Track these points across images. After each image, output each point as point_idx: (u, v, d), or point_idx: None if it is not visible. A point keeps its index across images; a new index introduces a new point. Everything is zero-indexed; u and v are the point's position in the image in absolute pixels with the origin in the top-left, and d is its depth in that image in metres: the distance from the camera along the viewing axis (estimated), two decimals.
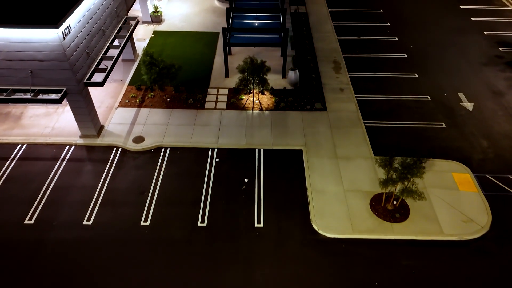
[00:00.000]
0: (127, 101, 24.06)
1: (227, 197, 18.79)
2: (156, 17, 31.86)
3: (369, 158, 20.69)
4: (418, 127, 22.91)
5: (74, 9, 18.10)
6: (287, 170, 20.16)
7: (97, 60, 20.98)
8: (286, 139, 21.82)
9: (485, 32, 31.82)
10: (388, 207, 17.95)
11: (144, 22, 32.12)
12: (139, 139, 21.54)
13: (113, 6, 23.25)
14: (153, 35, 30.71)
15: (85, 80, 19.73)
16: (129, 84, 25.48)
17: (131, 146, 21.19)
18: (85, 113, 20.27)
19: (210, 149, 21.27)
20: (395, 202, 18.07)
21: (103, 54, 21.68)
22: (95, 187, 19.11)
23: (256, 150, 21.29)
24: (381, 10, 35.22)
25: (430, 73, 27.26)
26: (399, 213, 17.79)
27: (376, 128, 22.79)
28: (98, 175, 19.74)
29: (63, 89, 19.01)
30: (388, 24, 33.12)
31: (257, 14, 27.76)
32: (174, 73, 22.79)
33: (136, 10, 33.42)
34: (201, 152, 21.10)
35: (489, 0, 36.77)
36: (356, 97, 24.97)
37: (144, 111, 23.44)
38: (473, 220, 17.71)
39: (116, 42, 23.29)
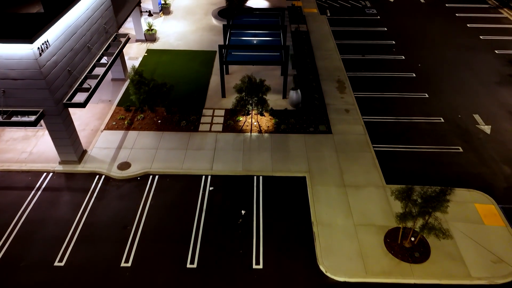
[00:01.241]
0: (114, 123, 22.11)
1: (221, 232, 16.51)
2: (150, 35, 30.39)
3: (380, 187, 18.51)
4: (432, 151, 20.85)
5: (53, 23, 16.40)
6: (289, 200, 17.97)
7: (81, 79, 19.15)
8: (287, 164, 19.73)
9: (496, 51, 30.26)
10: (406, 245, 15.65)
11: (137, 41, 30.63)
12: (124, 165, 19.44)
13: (101, 22, 21.65)
14: (146, 54, 29.14)
15: (65, 101, 17.82)
16: (118, 105, 23.61)
17: (116, 173, 19.07)
18: (65, 136, 18.26)
19: (203, 176, 19.14)
20: (413, 239, 15.79)
21: (88, 73, 19.89)
22: (71, 221, 16.85)
23: (255, 177, 19.15)
24: (386, 29, 33.84)
25: (441, 93, 25.44)
26: (418, 252, 15.47)
27: (387, 153, 20.73)
28: (76, 207, 17.53)
29: (39, 111, 17.06)
30: (394, 42, 31.63)
31: (256, 32, 26.21)
32: (165, 93, 20.94)
33: (129, 29, 32.07)
34: (193, 180, 18.96)
35: (497, 19, 35.49)
36: (363, 118, 23.03)
37: (132, 134, 21.44)
38: (504, 260, 15.37)
39: (104, 60, 21.55)
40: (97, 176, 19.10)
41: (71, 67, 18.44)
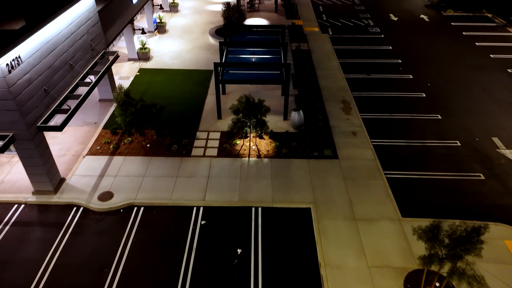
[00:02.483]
0: (98, 147, 20.08)
1: (213, 276, 14.16)
2: (143, 54, 28.81)
3: (396, 220, 16.27)
4: (451, 179, 18.72)
5: (26, 38, 14.61)
6: (292, 236, 15.70)
7: (60, 99, 17.25)
8: (290, 194, 17.56)
9: (508, 70, 28.59)
10: None
11: (130, 60, 29.04)
12: (106, 196, 17.27)
13: (86, 38, 19.98)
14: (138, 73, 27.45)
15: (39, 124, 15.84)
16: (104, 127, 21.65)
17: (96, 204, 16.87)
18: (38, 164, 16.18)
19: (195, 208, 16.93)
20: (438, 284, 13.44)
21: (69, 92, 18.03)
22: (40, 262, 14.53)
23: (253, 209, 16.94)
24: (390, 47, 32.35)
25: (454, 114, 23.53)
26: None
27: (400, 180, 18.59)
28: (47, 245, 15.24)
29: (8, 135, 15.05)
30: (400, 61, 30.03)
31: (254, 49, 24.58)
32: (154, 115, 19.00)
33: (122, 47, 30.58)
34: (183, 212, 16.74)
35: (505, 37, 34.08)
36: (372, 142, 21.01)
37: (117, 159, 19.37)
38: None
39: (89, 79, 19.73)
40: (75, 208, 16.89)
41: (49, 86, 16.57)
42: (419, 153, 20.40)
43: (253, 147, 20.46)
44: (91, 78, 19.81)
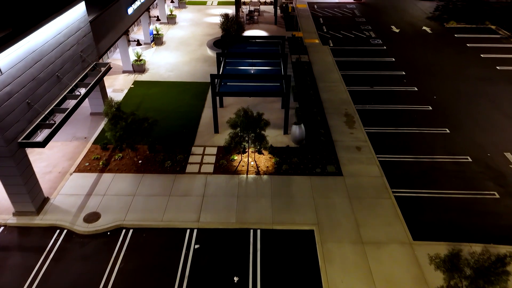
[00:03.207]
0: (87, 164, 18.89)
1: None
2: (138, 66, 27.88)
3: (406, 244, 14.96)
4: (463, 197, 17.46)
5: (6, 47, 13.58)
6: (294, 261, 14.36)
7: (45, 113, 16.14)
8: (291, 214, 16.28)
9: None
10: None
11: (124, 72, 28.09)
12: (93, 217, 15.98)
13: (76, 49, 19.02)
14: (132, 86, 26.45)
15: (20, 139, 14.68)
16: (94, 142, 20.50)
17: (81, 226, 15.57)
18: (19, 183, 14.96)
19: (188, 231, 15.63)
20: None
21: (55, 106, 16.93)
22: None
23: (251, 231, 15.64)
24: (393, 59, 31.46)
25: (463, 128, 22.41)
26: None
27: (409, 199, 17.33)
28: (26, 272, 13.90)
29: None
30: (404, 73, 29.08)
31: (253, 61, 23.62)
32: (147, 129, 17.86)
33: (116, 59, 29.69)
34: (175, 235, 15.43)
35: (511, 49, 33.23)
36: (377, 157, 19.82)
37: (106, 177, 18.15)
38: None
39: (78, 92, 18.65)
40: (58, 231, 15.59)
41: (33, 99, 15.48)
42: (428, 170, 19.19)
43: (252, 163, 19.27)
44: (81, 91, 18.75)
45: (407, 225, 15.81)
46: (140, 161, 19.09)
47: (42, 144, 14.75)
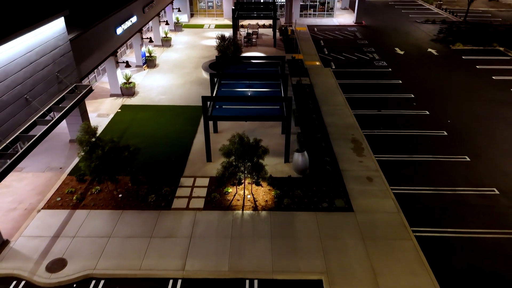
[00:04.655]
0: (59, 199, 16.42)
1: None
2: (127, 89, 25.91)
3: None
4: (496, 237, 14.91)
5: None
6: None
7: (7, 142, 13.84)
8: (295, 260, 13.67)
9: None
10: None
11: (112, 95, 26.08)
12: (57, 265, 13.37)
13: (51, 69, 16.99)
14: (119, 110, 24.34)
15: None
16: (70, 173, 18.12)
17: (42, 277, 12.93)
18: None
19: (171, 282, 12.97)
20: None
21: (22, 132, 14.68)
22: None
23: (247, 282, 12.99)
24: (400, 81, 29.60)
25: (485, 156, 20.10)
26: None
27: (433, 240, 14.76)
28: None
29: None
30: (412, 96, 27.10)
31: (250, 82, 21.61)
32: (127, 159, 15.52)
33: (104, 82, 27.79)
34: (155, 287, 12.76)
35: None
36: (392, 189, 17.39)
37: (80, 214, 15.64)
38: None
39: (50, 117, 16.44)
40: (14, 282, 12.93)
41: None
42: (450, 204, 16.72)
43: (248, 196, 16.81)
44: (56, 115, 16.54)
45: (433, 273, 13.17)
46: (120, 195, 16.63)
47: None
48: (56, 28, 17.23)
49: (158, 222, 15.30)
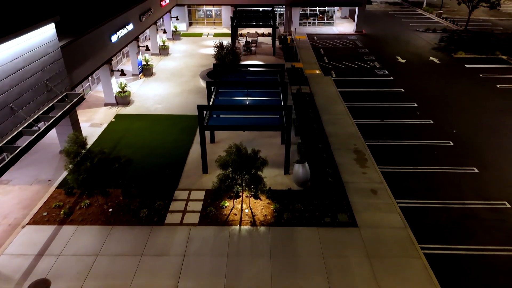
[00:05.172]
0: (45, 213, 15.51)
1: None
2: (122, 98, 25.16)
3: None
4: (510, 255, 13.95)
5: None
6: None
7: None
8: (296, 280, 12.72)
9: None
10: None
11: (106, 104, 25.32)
12: (40, 285, 12.40)
13: (40, 77, 16.25)
14: (113, 119, 23.55)
15: None
16: (59, 186, 17.23)
17: None
18: None
19: None
20: None
21: (6, 143, 13.84)
22: None
23: None
24: (403, 90, 28.91)
25: (493, 167, 19.26)
26: None
27: (444, 258, 13.81)
28: None
29: None
30: (416, 105, 26.36)
31: (248, 90, 20.87)
32: (118, 171, 14.67)
33: (99, 91, 27.09)
34: None
35: None
36: (398, 203, 16.50)
37: (67, 230, 14.71)
38: None
39: (37, 127, 15.64)
40: None
41: None
42: (460, 218, 15.81)
43: (246, 210, 15.91)
44: (39, 126, 15.73)
45: None
46: (110, 210, 15.71)
47: None
48: (46, 34, 16.53)
49: (150, 239, 14.36)
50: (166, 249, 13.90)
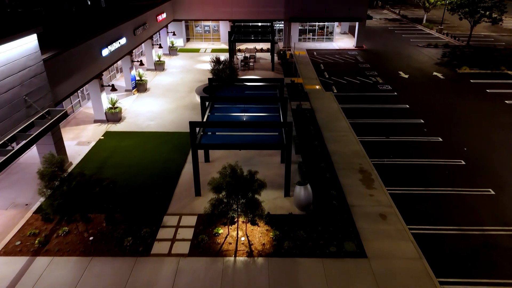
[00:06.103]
0: (18, 242, 13.91)
1: None
2: (112, 115, 23.84)
3: None
4: None
5: None
6: None
7: None
8: None
9: None
10: None
11: (96, 121, 23.98)
12: None
13: (18, 92, 14.93)
14: (102, 137, 22.15)
15: None
16: (37, 211, 15.66)
17: None
18: None
19: None
20: None
21: None
22: None
23: None
24: (407, 106, 27.67)
25: (510, 188, 17.77)
26: None
27: None
28: None
29: None
30: (422, 121, 25.04)
31: (246, 106, 19.56)
32: (99, 195, 13.15)
33: (89, 107, 25.81)
34: None
35: None
36: (410, 229, 14.92)
37: (40, 262, 13.09)
38: None
39: (11, 147, 14.21)
40: None
41: None
42: (480, 247, 14.22)
43: (242, 238, 14.32)
44: (12, 146, 14.29)
45: None
46: (91, 238, 14.12)
47: None
48: (26, 46, 15.31)
49: (134, 272, 12.73)
50: (151, 284, 12.26)
